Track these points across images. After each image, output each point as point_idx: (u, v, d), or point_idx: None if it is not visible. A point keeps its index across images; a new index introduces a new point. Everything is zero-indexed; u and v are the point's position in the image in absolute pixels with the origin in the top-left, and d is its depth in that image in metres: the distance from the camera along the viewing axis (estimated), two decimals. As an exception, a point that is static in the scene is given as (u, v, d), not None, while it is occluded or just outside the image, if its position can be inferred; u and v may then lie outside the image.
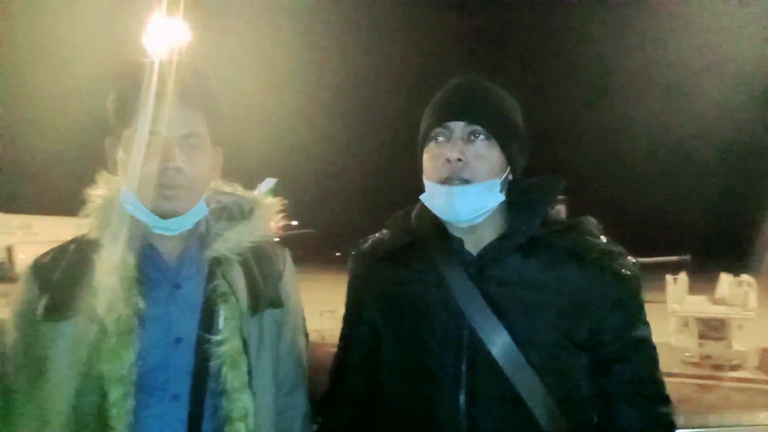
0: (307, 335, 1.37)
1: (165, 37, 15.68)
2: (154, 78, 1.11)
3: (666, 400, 1.19)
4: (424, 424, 1.16)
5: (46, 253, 1.17)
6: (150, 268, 1.15)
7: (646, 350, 1.20)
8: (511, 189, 1.23)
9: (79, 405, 1.05)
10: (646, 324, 1.22)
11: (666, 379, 1.24)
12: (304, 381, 1.32)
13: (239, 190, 1.32)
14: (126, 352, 1.06)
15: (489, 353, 1.12)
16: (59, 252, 1.17)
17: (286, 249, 1.35)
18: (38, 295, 1.10)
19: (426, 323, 1.19)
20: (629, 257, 1.20)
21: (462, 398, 1.13)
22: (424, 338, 1.18)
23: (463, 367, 1.14)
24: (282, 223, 1.35)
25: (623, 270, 1.17)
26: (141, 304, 1.09)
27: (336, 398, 1.33)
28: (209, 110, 1.17)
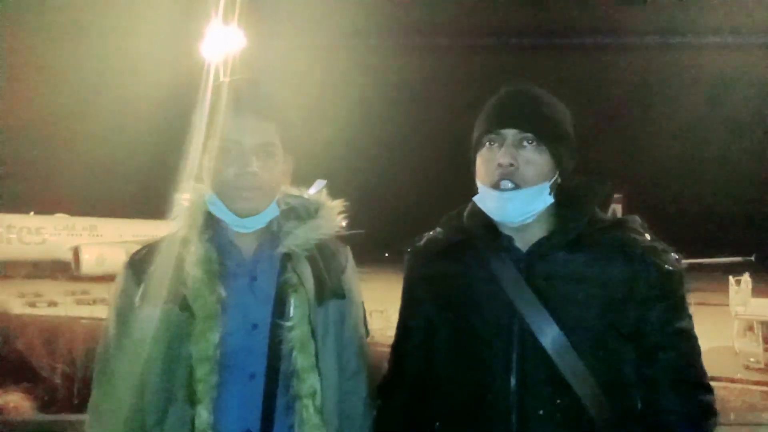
0: (367, 325, 1.49)
1: (221, 44, 16.19)
2: (233, 96, 1.28)
3: (707, 388, 1.24)
4: (476, 407, 1.25)
5: (140, 249, 1.34)
6: (230, 262, 1.30)
7: (689, 340, 1.25)
8: (559, 190, 1.30)
9: (171, 381, 1.21)
10: (689, 316, 1.27)
11: (729, 386, 1.23)
12: (366, 367, 1.44)
13: (305, 193, 1.46)
14: (211, 334, 1.21)
15: (537, 341, 1.20)
16: (152, 248, 1.33)
17: (347, 246, 1.48)
18: (135, 286, 1.27)
19: (477, 314, 1.27)
20: (672, 254, 1.27)
21: (513, 381, 1.21)
22: (476, 328, 1.27)
23: (514, 354, 1.22)
24: (345, 223, 1.47)
25: (666, 265, 1.23)
26: (223, 293, 1.24)
27: (394, 382, 1.43)
28: (281, 121, 1.32)
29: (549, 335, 1.20)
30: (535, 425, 1.21)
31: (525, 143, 1.25)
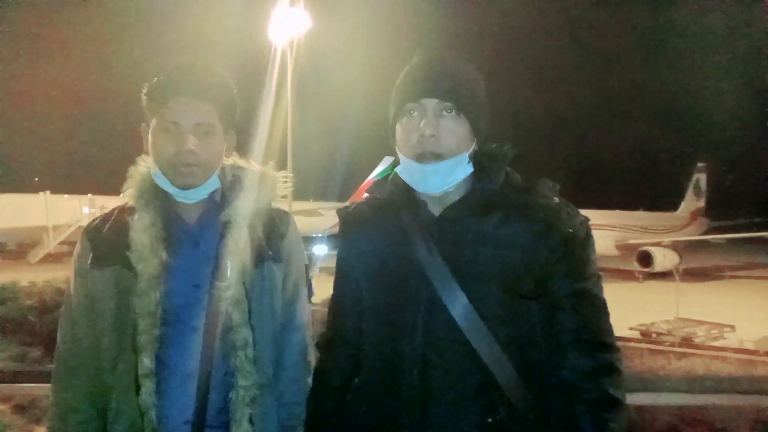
0: (310, 287, 1.63)
1: (287, 27, 16.40)
2: (173, 79, 1.40)
3: (609, 347, 1.26)
4: (390, 363, 1.33)
5: (95, 218, 1.52)
6: (175, 229, 1.45)
7: (590, 301, 1.28)
8: (474, 156, 1.34)
9: (121, 333, 1.38)
10: (592, 277, 1.29)
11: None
12: (306, 323, 1.58)
13: (253, 165, 1.59)
14: (153, 292, 1.37)
15: (444, 305, 1.26)
16: (105, 216, 1.51)
17: (290, 214, 1.61)
18: (88, 249, 1.45)
19: (393, 279, 1.34)
20: (579, 217, 1.30)
21: (418, 341, 1.28)
22: (391, 292, 1.34)
23: (419, 317, 1.29)
24: (286, 191, 1.60)
25: (568, 228, 1.27)
26: (164, 255, 1.40)
27: (332, 339, 1.51)
28: (219, 102, 1.44)
29: (456, 301, 1.25)
30: (438, 382, 1.27)
31: (445, 113, 1.28)
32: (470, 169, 1.32)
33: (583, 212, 1.32)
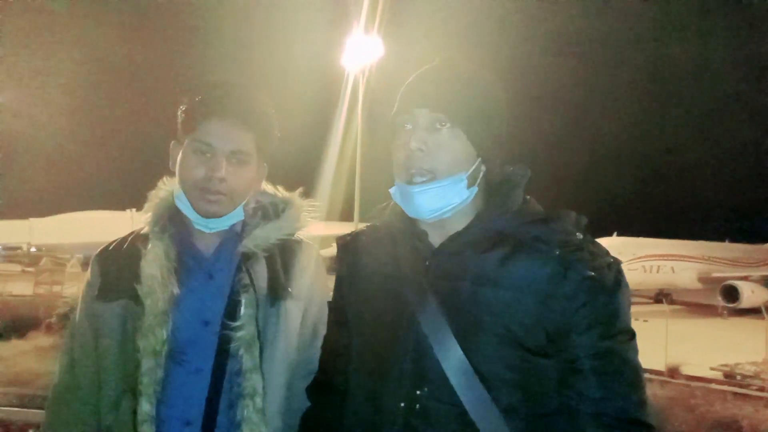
0: None
1: (361, 53, 16.80)
2: (214, 98, 1.30)
3: (637, 422, 1.02)
4: (372, 418, 1.13)
5: (111, 243, 1.41)
6: (189, 260, 1.34)
7: (619, 365, 1.03)
8: (484, 181, 1.15)
9: (123, 372, 1.27)
10: (623, 335, 1.05)
11: None
12: None
13: (280, 192, 1.46)
14: (159, 330, 1.25)
15: (435, 358, 1.05)
16: (119, 243, 1.40)
17: (315, 246, 1.46)
18: (98, 278, 1.35)
19: (382, 321, 1.15)
20: (608, 258, 1.06)
21: (402, 401, 1.08)
22: (377, 337, 1.16)
23: (405, 374, 1.08)
24: (313, 221, 1.45)
25: (590, 271, 1.03)
26: (176, 290, 1.28)
27: (321, 384, 1.33)
28: (259, 131, 1.33)
29: (449, 355, 1.04)
30: None
31: (438, 125, 1.09)
32: (467, 193, 1.11)
33: (665, 242, 1.11)
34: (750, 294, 24.15)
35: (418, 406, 1.07)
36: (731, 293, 24.73)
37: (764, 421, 9.55)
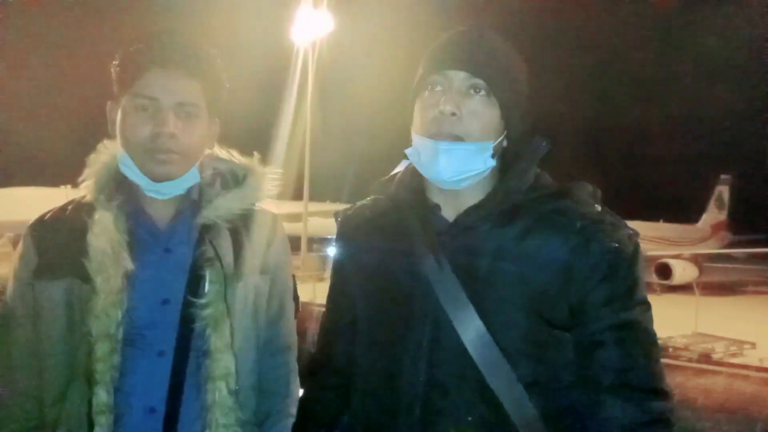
0: (297, 300, 1.39)
1: (310, 28, 16.48)
2: (153, 47, 1.16)
3: (660, 393, 1.03)
4: (385, 400, 1.11)
5: (45, 214, 1.25)
6: (142, 232, 1.21)
7: (637, 335, 1.04)
8: (501, 154, 1.12)
9: (70, 359, 1.14)
10: (641, 306, 1.06)
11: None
12: (293, 344, 1.35)
13: (236, 157, 1.34)
14: (114, 311, 1.12)
15: (453, 330, 1.04)
16: (56, 213, 1.24)
17: (278, 216, 1.36)
18: (34, 255, 1.19)
19: (393, 295, 1.13)
20: (628, 229, 1.06)
21: (421, 374, 1.06)
22: (390, 311, 1.13)
23: (423, 344, 1.07)
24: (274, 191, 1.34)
25: (612, 242, 1.03)
26: (130, 266, 1.15)
27: (321, 364, 1.30)
28: (207, 81, 1.21)
29: (469, 327, 1.03)
30: (443, 427, 1.05)
31: (473, 91, 1.07)
32: (492, 162, 1.09)
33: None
34: (682, 272, 25.46)
35: (436, 378, 1.05)
36: (664, 271, 26.00)
37: (692, 389, 10.22)
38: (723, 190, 39.11)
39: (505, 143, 1.13)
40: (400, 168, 1.25)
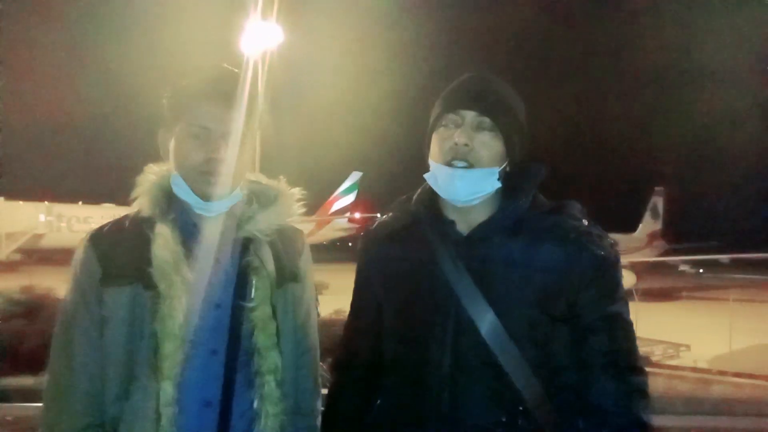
0: (318, 307, 1.57)
1: (259, 40, 16.30)
2: (205, 80, 1.34)
3: (639, 370, 1.28)
4: (413, 386, 1.31)
5: (103, 226, 1.38)
6: (193, 244, 1.35)
7: (620, 324, 1.29)
8: (504, 176, 1.34)
9: (133, 358, 1.27)
10: (622, 300, 1.31)
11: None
12: (316, 345, 1.52)
13: (263, 180, 1.52)
14: (177, 313, 1.26)
15: (473, 323, 1.25)
16: (114, 226, 1.37)
17: (303, 231, 1.55)
18: (96, 263, 1.31)
19: (418, 296, 1.33)
20: (608, 239, 1.31)
21: (447, 362, 1.27)
22: (416, 310, 1.33)
23: (448, 336, 1.28)
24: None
25: (599, 251, 1.28)
26: (188, 274, 1.30)
27: (347, 360, 1.49)
28: (251, 112, 1.38)
29: (485, 320, 1.24)
30: (468, 406, 1.25)
31: (482, 127, 1.30)
32: (498, 185, 1.32)
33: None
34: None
35: (460, 363, 1.26)
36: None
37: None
38: (657, 202, 40.94)
39: (507, 168, 1.35)
40: (349, 181, 1.50)
